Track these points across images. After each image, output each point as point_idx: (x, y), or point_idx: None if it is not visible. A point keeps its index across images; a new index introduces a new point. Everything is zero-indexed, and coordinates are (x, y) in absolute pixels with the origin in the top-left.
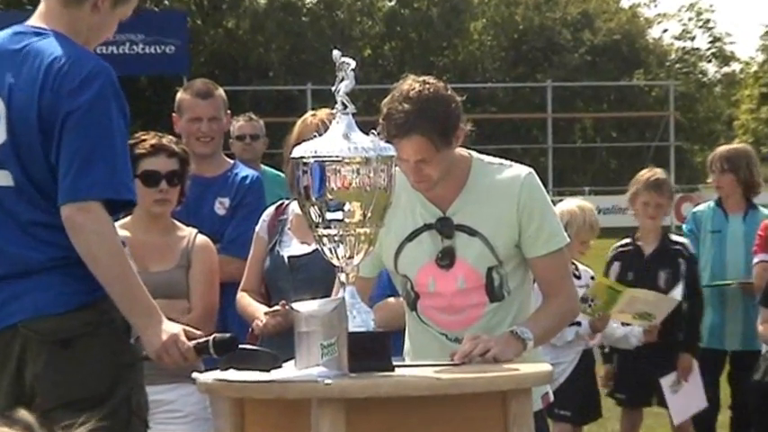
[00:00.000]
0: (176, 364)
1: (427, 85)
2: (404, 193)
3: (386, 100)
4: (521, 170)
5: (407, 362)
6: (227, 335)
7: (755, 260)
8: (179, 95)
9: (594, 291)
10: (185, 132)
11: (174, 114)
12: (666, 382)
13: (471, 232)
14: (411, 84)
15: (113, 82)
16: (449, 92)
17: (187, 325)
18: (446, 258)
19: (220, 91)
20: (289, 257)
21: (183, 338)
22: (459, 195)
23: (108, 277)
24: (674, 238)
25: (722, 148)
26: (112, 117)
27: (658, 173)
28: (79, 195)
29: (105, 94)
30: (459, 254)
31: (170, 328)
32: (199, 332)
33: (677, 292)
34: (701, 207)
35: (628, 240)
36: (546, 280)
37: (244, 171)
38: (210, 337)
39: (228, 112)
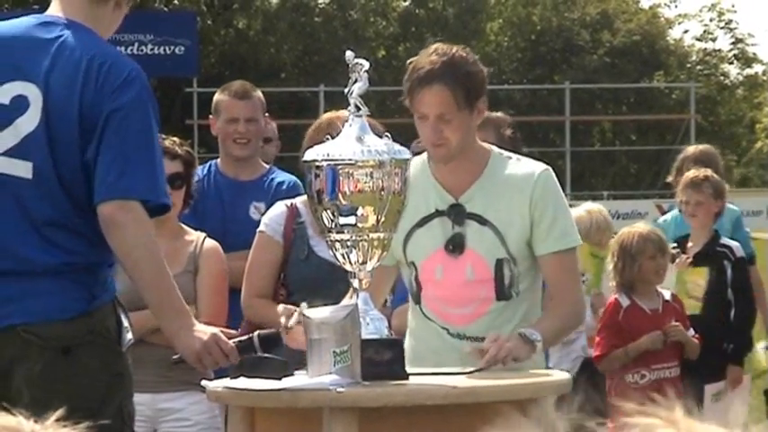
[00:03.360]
0: (216, 364)
1: (455, 48)
2: (420, 178)
3: (412, 59)
4: (537, 166)
5: (415, 367)
6: (272, 330)
7: None
8: (216, 97)
9: (582, 263)
10: (222, 134)
11: (210, 117)
12: (711, 389)
13: (482, 221)
14: (439, 45)
15: (148, 86)
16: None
17: None
18: (456, 246)
19: (258, 93)
20: None
21: (224, 338)
22: (475, 184)
23: (146, 279)
24: (723, 240)
25: (694, 150)
26: (151, 120)
27: (701, 171)
28: (122, 193)
29: (143, 97)
30: (470, 242)
31: (206, 328)
32: (234, 331)
33: None
34: (666, 217)
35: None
36: (554, 280)
37: (281, 176)
38: (254, 334)
39: (266, 114)
